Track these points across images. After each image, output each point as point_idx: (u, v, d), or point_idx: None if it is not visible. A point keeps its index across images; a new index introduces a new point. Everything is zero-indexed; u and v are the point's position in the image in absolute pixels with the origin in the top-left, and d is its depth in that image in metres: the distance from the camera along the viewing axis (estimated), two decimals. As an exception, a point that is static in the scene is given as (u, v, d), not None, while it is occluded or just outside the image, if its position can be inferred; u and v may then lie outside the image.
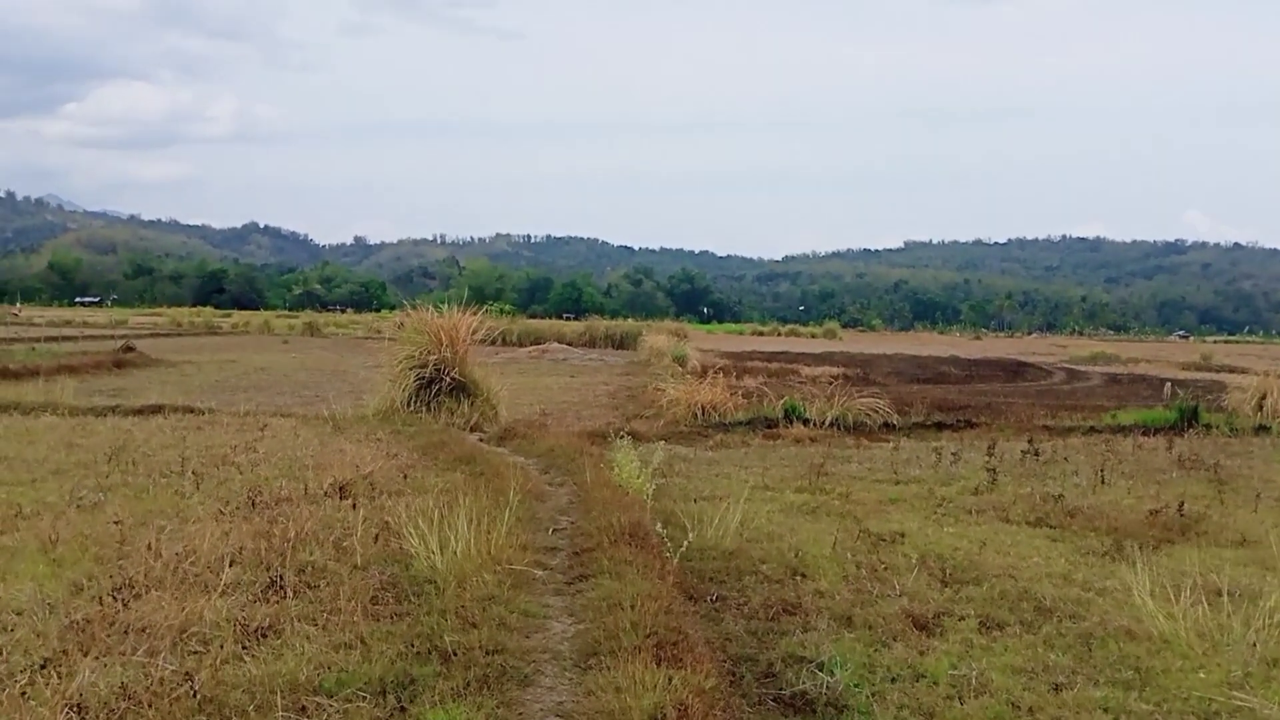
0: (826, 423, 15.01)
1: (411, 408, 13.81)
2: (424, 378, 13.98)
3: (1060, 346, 78.89)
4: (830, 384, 32.65)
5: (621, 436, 10.92)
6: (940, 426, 15.49)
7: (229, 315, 77.27)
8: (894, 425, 15.29)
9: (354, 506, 7.55)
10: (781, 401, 15.35)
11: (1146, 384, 34.56)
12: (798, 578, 6.81)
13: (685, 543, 6.77)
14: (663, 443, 13.60)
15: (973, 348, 71.67)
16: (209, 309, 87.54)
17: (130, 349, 32.34)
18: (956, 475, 10.99)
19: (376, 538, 6.67)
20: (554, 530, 6.83)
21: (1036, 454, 11.56)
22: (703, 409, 15.59)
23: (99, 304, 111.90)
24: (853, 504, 9.53)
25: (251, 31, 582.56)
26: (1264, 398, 17.31)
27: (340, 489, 8.11)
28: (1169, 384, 27.00)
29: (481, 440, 11.96)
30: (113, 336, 41.17)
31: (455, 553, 5.84)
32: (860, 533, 8.11)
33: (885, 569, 7.06)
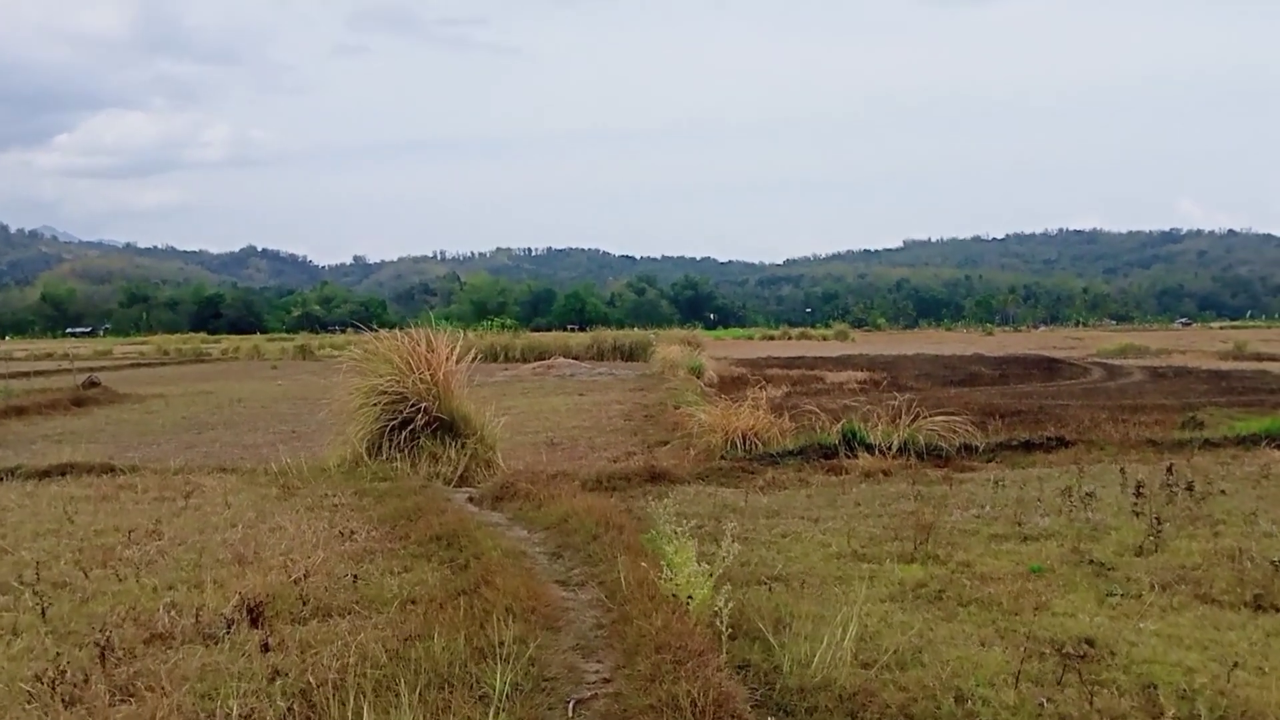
0: (894, 449, 12.29)
1: (385, 454, 11.09)
2: (398, 415, 11.26)
3: (1077, 339, 76.21)
4: (860, 390, 30.09)
5: (659, 496, 8.19)
6: (1029, 447, 12.75)
7: (219, 341, 74.78)
8: (974, 447, 12.57)
9: (265, 648, 4.85)
10: (838, 426, 12.60)
11: (1193, 377, 31.87)
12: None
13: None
14: (702, 485, 10.94)
15: (990, 344, 68.95)
16: (199, 335, 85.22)
17: (94, 384, 29.70)
18: (1101, 525, 8.25)
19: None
20: (575, 704, 4.05)
21: (1190, 488, 8.83)
22: (742, 436, 12.87)
23: (91, 334, 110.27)
24: (985, 580, 6.82)
25: (243, 55, 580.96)
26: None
27: (252, 611, 5.40)
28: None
29: (471, 500, 9.21)
30: (88, 370, 38.66)
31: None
32: (1028, 641, 5.42)
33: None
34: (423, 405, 11.28)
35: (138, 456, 16.06)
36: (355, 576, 6.32)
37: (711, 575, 5.38)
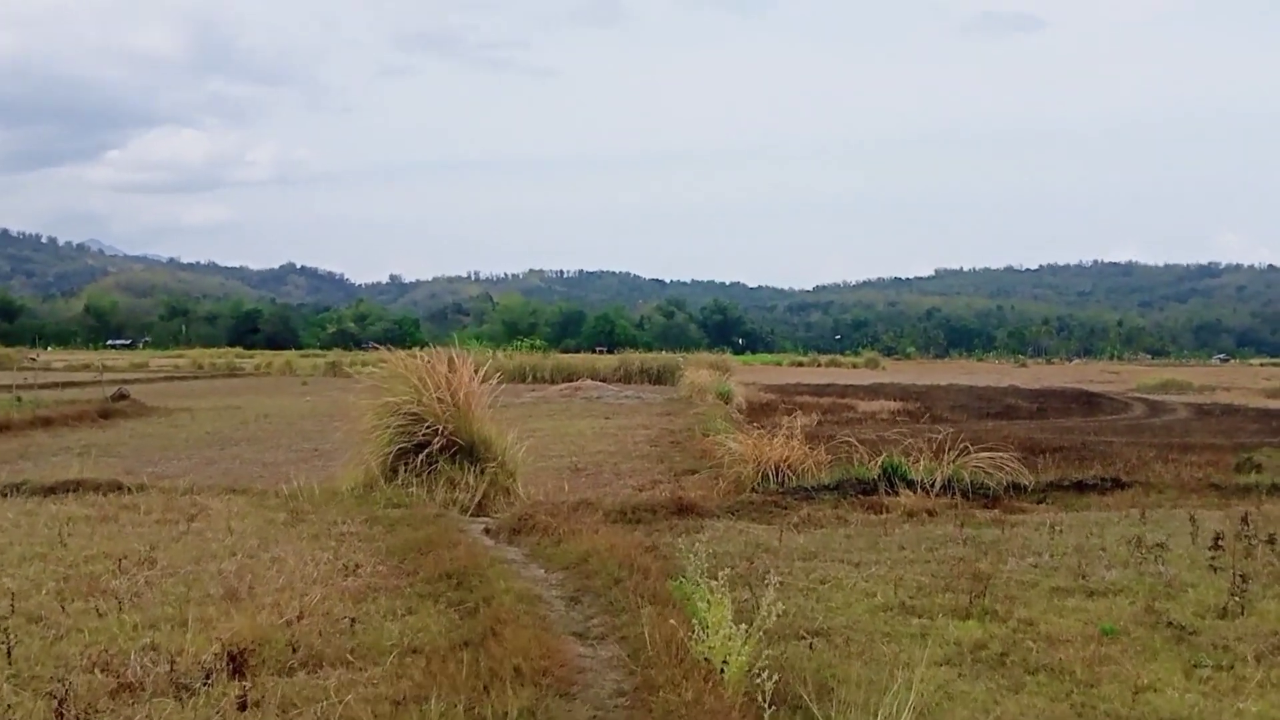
0: (937, 486, 11.56)
1: (401, 479, 10.54)
2: (415, 438, 10.71)
3: (1113, 373, 74.71)
4: (893, 420, 29.24)
5: (687, 532, 7.55)
6: (1082, 488, 11.97)
7: (253, 356, 75.04)
8: (1023, 487, 11.82)
9: (241, 706, 4.27)
10: (879, 460, 11.89)
11: (1241, 415, 30.80)
12: None
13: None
14: (731, 520, 10.28)
15: (1024, 376, 67.66)
16: (235, 350, 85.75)
17: (124, 396, 29.64)
18: (1175, 581, 7.50)
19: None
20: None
21: (1272, 541, 8.05)
22: (775, 468, 12.20)
23: (131, 346, 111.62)
24: (1053, 642, 6.11)
25: (293, 75, 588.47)
26: None
27: (234, 659, 4.82)
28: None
29: (488, 532, 8.60)
30: (120, 381, 38.67)
31: None
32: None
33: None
34: (441, 428, 10.73)
35: (154, 473, 15.67)
36: (353, 620, 5.73)
37: (749, 637, 4.73)
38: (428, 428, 10.71)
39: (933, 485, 11.56)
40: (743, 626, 5.00)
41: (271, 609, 6.01)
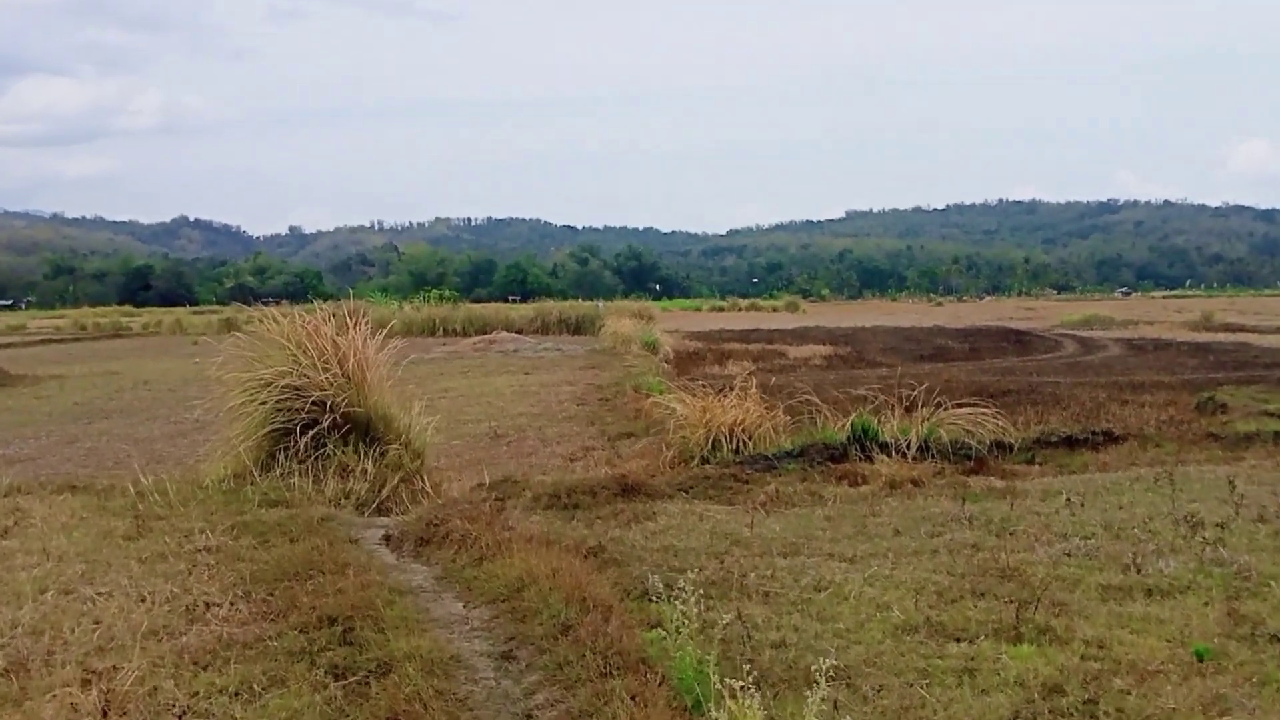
0: (913, 448, 10.11)
1: (280, 467, 8.57)
2: (297, 416, 8.73)
3: (1028, 309, 75.48)
4: (827, 366, 28.03)
5: (636, 519, 5.85)
6: (1072, 443, 10.67)
7: (140, 315, 70.48)
8: (1007, 445, 10.47)
9: None
10: (848, 421, 10.34)
11: (1175, 350, 30.47)
12: None
13: None
14: (687, 502, 8.64)
15: (942, 314, 67.70)
16: (119, 308, 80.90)
17: (-14, 365, 26.72)
18: (1245, 569, 6.09)
19: None
20: None
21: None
22: (729, 431, 10.58)
23: (12, 307, 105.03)
24: (1140, 675, 4.63)
25: (176, 21, 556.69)
26: None
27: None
28: None
29: (388, 541, 6.72)
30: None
31: None
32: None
33: None
34: (329, 402, 8.77)
35: (1, 455, 13.45)
36: (184, 712, 3.89)
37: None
38: (313, 403, 8.74)
39: (908, 448, 10.11)
40: (739, 682, 3.34)
41: (75, 686, 4.16)
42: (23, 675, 4.41)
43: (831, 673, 4.69)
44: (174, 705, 4.05)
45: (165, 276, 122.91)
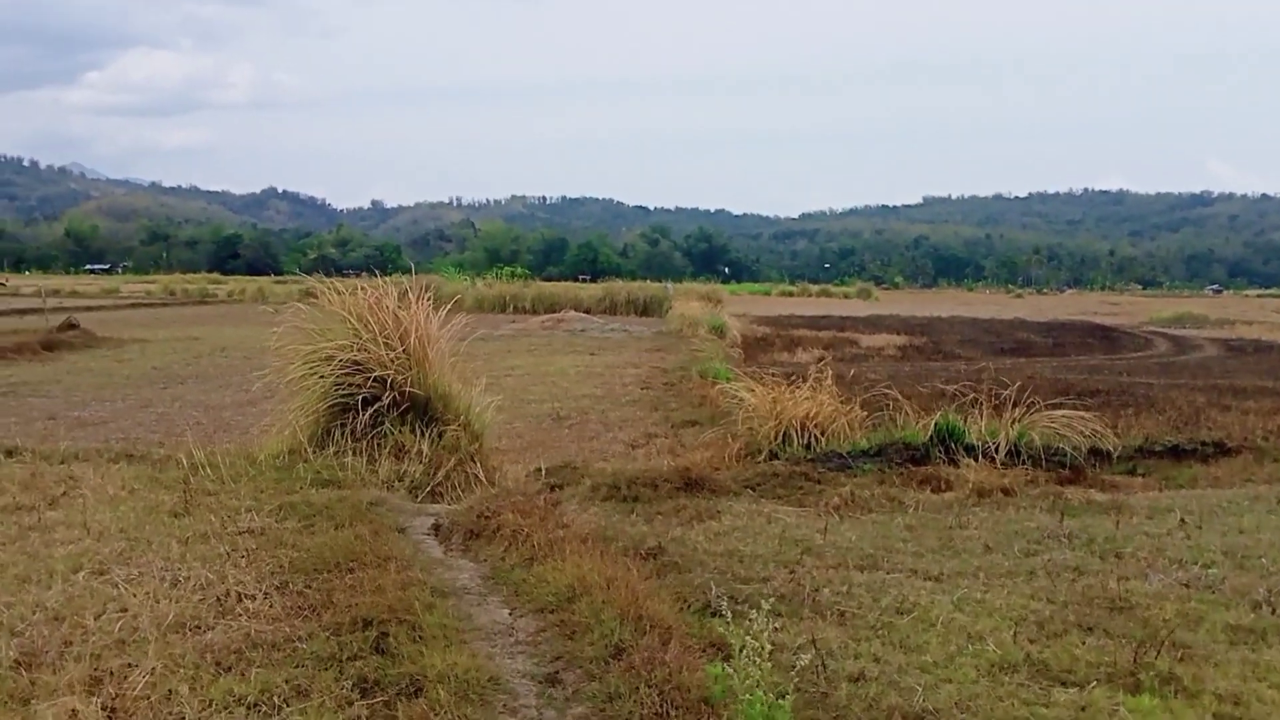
0: (1002, 452, 9.39)
1: (335, 445, 8.25)
2: (358, 392, 8.40)
3: (1113, 304, 72.83)
4: (902, 357, 27.09)
5: (699, 517, 5.33)
6: (1178, 454, 9.83)
7: (226, 282, 72.15)
8: (1106, 452, 9.68)
9: None
10: (931, 420, 9.65)
11: (1278, 353, 28.90)
12: None
13: None
14: (754, 501, 8.10)
15: (1023, 307, 65.65)
16: (208, 276, 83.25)
17: (73, 326, 27.37)
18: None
19: None
20: None
21: None
22: (801, 425, 9.97)
23: (109, 271, 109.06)
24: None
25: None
26: None
27: None
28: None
29: (437, 531, 6.32)
30: (76, 310, 36.03)
31: None
32: None
33: None
34: (389, 380, 8.42)
35: (77, 417, 13.53)
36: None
37: None
38: (373, 380, 8.40)
39: (997, 451, 9.39)
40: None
41: (83, 687, 3.83)
42: (33, 670, 4.09)
43: (920, 717, 4.18)
44: (183, 710, 3.68)
45: (253, 246, 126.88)
